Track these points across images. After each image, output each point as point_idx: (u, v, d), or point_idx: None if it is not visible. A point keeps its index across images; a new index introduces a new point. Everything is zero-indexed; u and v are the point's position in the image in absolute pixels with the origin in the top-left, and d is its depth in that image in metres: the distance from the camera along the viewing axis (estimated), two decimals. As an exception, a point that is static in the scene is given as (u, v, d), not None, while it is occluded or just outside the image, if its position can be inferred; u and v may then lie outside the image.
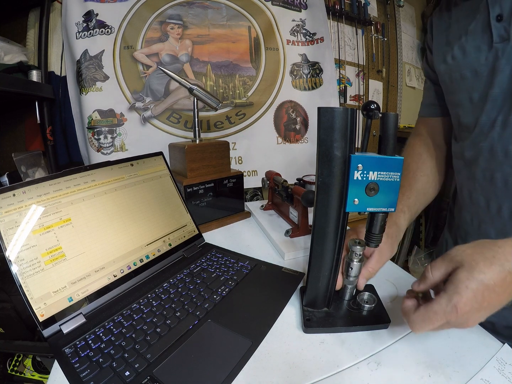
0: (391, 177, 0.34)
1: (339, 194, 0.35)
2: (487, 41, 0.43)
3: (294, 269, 0.54)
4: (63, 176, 0.47)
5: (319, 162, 0.34)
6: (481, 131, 0.46)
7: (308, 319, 0.41)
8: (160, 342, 0.38)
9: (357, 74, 1.44)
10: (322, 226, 0.37)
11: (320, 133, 0.33)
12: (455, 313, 0.28)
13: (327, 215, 0.37)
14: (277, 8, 1.17)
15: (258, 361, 0.37)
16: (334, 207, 0.36)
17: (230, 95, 1.13)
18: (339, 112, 0.33)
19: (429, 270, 0.33)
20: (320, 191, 0.36)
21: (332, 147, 0.33)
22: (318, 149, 0.34)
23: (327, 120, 0.33)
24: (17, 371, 0.85)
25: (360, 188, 0.34)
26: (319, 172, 0.35)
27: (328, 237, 0.38)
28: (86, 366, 0.35)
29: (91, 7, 0.98)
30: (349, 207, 0.35)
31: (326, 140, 0.33)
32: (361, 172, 0.33)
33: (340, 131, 0.33)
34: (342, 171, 0.34)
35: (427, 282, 0.33)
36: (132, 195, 0.55)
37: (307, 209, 0.68)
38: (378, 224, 0.37)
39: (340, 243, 0.38)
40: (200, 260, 0.58)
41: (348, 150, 0.34)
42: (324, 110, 0.33)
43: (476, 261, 0.29)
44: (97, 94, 0.99)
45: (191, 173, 0.75)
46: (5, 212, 0.40)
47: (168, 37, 1.06)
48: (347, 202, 0.34)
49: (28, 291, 0.39)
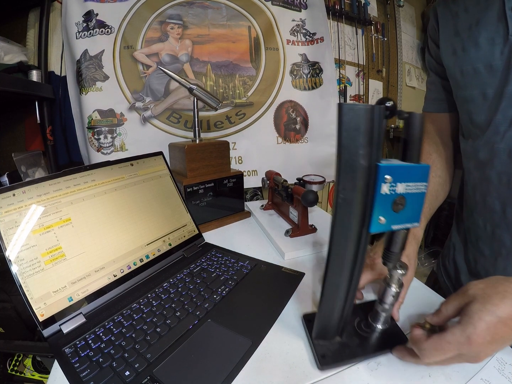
0: (418, 188, 0.29)
1: (362, 212, 0.29)
2: (502, 33, 0.40)
3: (294, 269, 0.54)
4: (63, 176, 0.47)
5: (340, 173, 0.28)
6: (497, 131, 0.44)
7: (323, 356, 0.36)
8: (160, 342, 0.38)
9: (357, 74, 1.44)
10: (340, 251, 0.31)
11: (342, 137, 0.26)
12: (468, 344, 0.28)
13: (347, 237, 0.30)
14: (277, 8, 1.17)
15: (258, 361, 0.37)
16: (356, 227, 0.30)
17: (230, 95, 1.13)
18: (366, 111, 0.26)
19: (444, 305, 0.33)
20: (341, 209, 0.29)
21: (357, 155, 0.27)
22: (339, 157, 0.27)
23: (351, 120, 0.26)
24: (17, 371, 0.85)
25: (387, 204, 0.28)
26: (341, 186, 0.28)
27: (346, 263, 0.32)
28: (86, 366, 0.35)
29: (91, 7, 0.98)
30: (374, 227, 0.29)
31: (349, 146, 0.27)
32: (390, 184, 0.27)
33: (367, 134, 0.27)
34: (367, 184, 0.28)
35: (441, 316, 0.33)
36: (132, 195, 0.55)
37: (307, 209, 0.68)
38: (400, 242, 0.32)
39: (360, 269, 0.33)
40: (200, 260, 0.58)
41: (374, 158, 0.27)
42: (347, 107, 0.26)
43: (488, 294, 0.30)
44: (97, 94, 0.99)
45: (191, 173, 0.75)
46: (5, 212, 0.40)
47: (168, 37, 1.06)
48: (372, 221, 0.28)
49: (28, 291, 0.39)
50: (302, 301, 0.48)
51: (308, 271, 0.53)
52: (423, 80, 1.74)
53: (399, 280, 0.35)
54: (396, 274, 0.35)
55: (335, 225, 0.30)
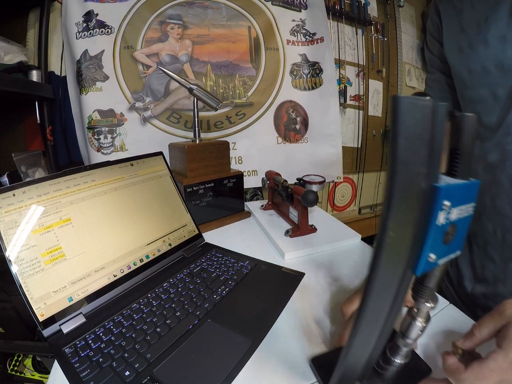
0: (467, 211, 0.23)
1: (410, 251, 0.22)
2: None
3: (294, 269, 0.54)
4: (63, 176, 0.47)
5: (392, 203, 0.19)
6: (508, 132, 0.43)
7: None
8: (160, 342, 0.38)
9: (357, 74, 1.44)
10: (379, 302, 0.24)
11: (399, 148, 0.18)
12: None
13: (389, 285, 0.23)
14: (277, 8, 1.17)
15: (258, 361, 0.37)
16: (400, 271, 0.23)
17: (230, 95, 1.13)
18: (431, 109, 0.19)
19: (477, 328, 0.31)
20: (389, 252, 0.21)
21: (418, 175, 0.19)
22: (391, 179, 0.19)
23: (414, 122, 0.18)
24: (17, 371, 0.85)
25: (439, 236, 0.22)
26: (392, 221, 0.20)
27: (382, 313, 0.26)
28: (86, 366, 0.35)
29: (91, 7, 0.98)
30: (421, 268, 0.22)
31: (409, 162, 0.19)
32: (447, 212, 0.21)
33: (429, 144, 0.19)
34: (420, 213, 0.21)
35: (474, 340, 0.31)
36: (132, 195, 0.55)
37: (307, 209, 0.68)
38: (439, 276, 0.26)
39: (395, 316, 0.27)
40: (200, 260, 0.58)
41: (432, 178, 0.20)
42: (409, 103, 0.18)
43: None
44: (97, 94, 0.99)
45: (191, 173, 0.75)
46: (5, 212, 0.40)
47: (168, 37, 1.06)
48: (420, 262, 0.22)
49: (28, 291, 0.39)
50: (302, 301, 0.48)
51: (308, 271, 0.53)
52: (423, 80, 1.74)
53: (427, 314, 0.30)
54: (425, 308, 0.29)
55: (377, 272, 0.22)
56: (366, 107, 1.49)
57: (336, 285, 0.53)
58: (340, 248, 0.66)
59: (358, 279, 0.54)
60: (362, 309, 0.24)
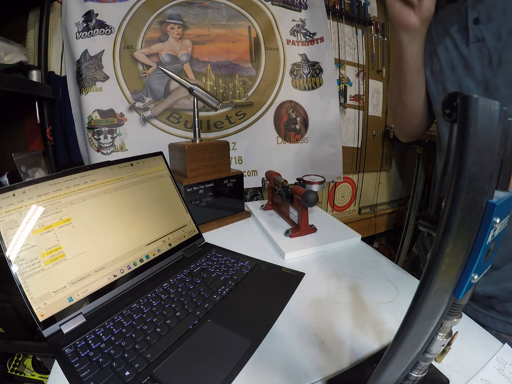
0: (504, 224, 0.21)
1: (457, 274, 0.20)
2: (465, 40, 0.47)
3: (294, 269, 0.54)
4: (63, 176, 0.47)
5: (452, 225, 0.17)
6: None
7: None
8: (160, 342, 0.38)
9: (357, 74, 1.44)
10: (421, 330, 0.22)
11: (469, 162, 0.16)
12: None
13: (432, 316, 0.22)
14: (277, 8, 1.17)
15: (258, 361, 0.37)
16: (447, 297, 0.21)
17: (230, 95, 1.13)
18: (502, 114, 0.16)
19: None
20: (440, 279, 0.19)
21: (483, 191, 0.17)
22: (455, 196, 0.17)
23: (486, 129, 0.16)
24: (17, 371, 0.85)
25: (483, 255, 0.20)
26: (451, 247, 0.18)
27: (422, 341, 0.24)
28: (86, 366, 0.35)
29: (91, 7, 0.98)
30: (464, 290, 0.20)
31: (478, 177, 0.17)
32: (494, 229, 0.19)
33: (498, 157, 0.17)
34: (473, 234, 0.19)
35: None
36: (132, 195, 0.55)
37: (307, 209, 0.68)
38: (472, 290, 0.24)
39: (430, 340, 0.26)
40: (200, 260, 0.58)
41: (490, 194, 0.18)
42: (484, 105, 0.16)
43: None
44: (97, 94, 0.99)
45: (191, 173, 0.75)
46: (5, 212, 0.40)
47: (168, 37, 1.06)
48: (465, 283, 0.19)
49: (28, 291, 0.39)
50: (302, 301, 0.48)
51: (308, 271, 0.53)
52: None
53: (450, 329, 0.27)
54: (449, 323, 0.27)
55: (422, 305, 0.20)
56: (366, 107, 1.49)
57: (336, 285, 0.53)
58: (340, 248, 0.66)
59: (358, 279, 0.54)
60: (400, 341, 0.22)
